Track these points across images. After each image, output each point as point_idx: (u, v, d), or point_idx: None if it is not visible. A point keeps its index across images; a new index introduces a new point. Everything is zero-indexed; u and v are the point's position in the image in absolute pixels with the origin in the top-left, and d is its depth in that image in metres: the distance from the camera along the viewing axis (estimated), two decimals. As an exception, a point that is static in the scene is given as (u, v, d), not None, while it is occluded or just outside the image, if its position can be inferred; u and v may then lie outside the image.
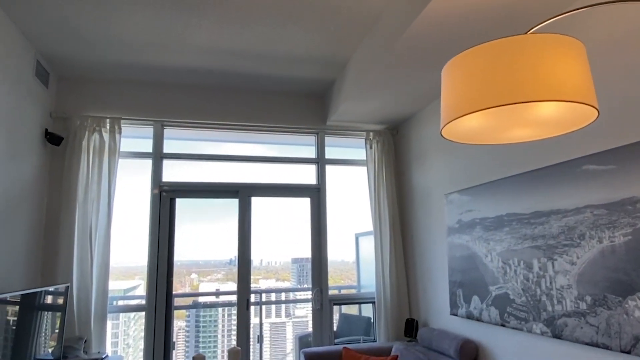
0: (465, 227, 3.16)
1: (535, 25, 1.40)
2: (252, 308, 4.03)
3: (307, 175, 4.36)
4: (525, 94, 1.18)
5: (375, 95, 3.51)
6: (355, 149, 4.57)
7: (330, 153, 4.41)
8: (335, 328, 4.27)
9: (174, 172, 4.02)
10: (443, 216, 3.55)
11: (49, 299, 2.85)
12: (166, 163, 4.00)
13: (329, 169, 4.36)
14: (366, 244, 4.49)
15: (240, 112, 4.10)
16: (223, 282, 4.36)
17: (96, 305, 3.44)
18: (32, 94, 3.28)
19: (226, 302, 4.49)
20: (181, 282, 4.14)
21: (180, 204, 4.01)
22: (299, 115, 4.26)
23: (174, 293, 3.92)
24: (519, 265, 2.61)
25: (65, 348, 3.14)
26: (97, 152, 3.63)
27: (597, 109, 1.24)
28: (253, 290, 4.05)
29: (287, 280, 4.50)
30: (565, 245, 2.28)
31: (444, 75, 1.41)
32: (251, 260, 4.06)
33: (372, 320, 4.35)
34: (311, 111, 4.30)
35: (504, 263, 2.74)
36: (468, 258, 3.12)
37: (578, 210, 2.21)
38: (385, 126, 4.35)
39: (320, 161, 4.32)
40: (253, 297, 4.05)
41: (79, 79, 3.80)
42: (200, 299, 4.43)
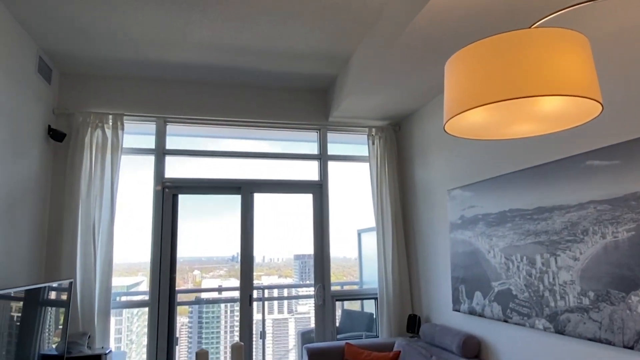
0: (468, 223, 3.15)
1: (538, 20, 1.39)
2: (255, 304, 4.05)
3: (309, 171, 4.36)
4: (529, 89, 1.18)
5: (377, 91, 3.50)
6: (357, 145, 4.57)
7: (333, 149, 4.40)
8: (337, 324, 4.28)
9: (176, 169, 4.03)
10: (445, 212, 3.55)
11: (52, 295, 2.86)
12: (169, 159, 4.00)
13: (331, 165, 4.36)
14: (368, 240, 4.49)
15: (242, 108, 4.10)
16: (225, 278, 4.37)
17: (100, 301, 3.46)
18: (34, 91, 3.28)
19: (229, 298, 4.51)
20: (184, 278, 4.15)
21: (182, 201, 4.02)
22: (301, 112, 4.25)
23: (177, 289, 3.93)
24: (522, 261, 2.60)
25: (69, 343, 3.16)
26: (100, 149, 3.63)
27: (601, 103, 1.24)
28: (256, 286, 4.06)
29: (289, 276, 4.51)
30: (569, 240, 2.28)
31: (447, 70, 1.40)
32: (254, 257, 4.07)
33: (374, 316, 4.36)
34: (313, 107, 4.29)
35: (507, 259, 2.73)
36: (470, 254, 3.12)
37: (581, 206, 2.21)
38: (387, 122, 4.34)
39: (323, 157, 4.32)
40: (255, 293, 4.06)
41: (82, 75, 3.81)
42: (202, 295, 4.44)
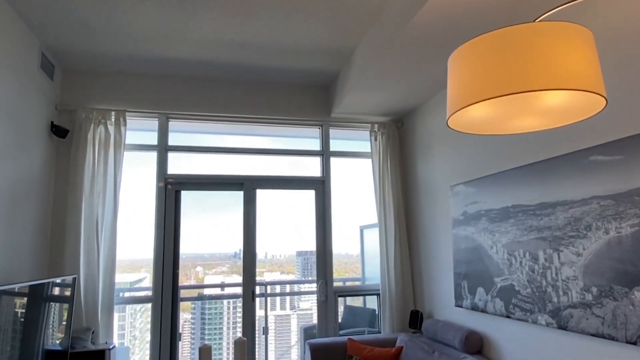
0: (471, 218, 3.15)
1: (542, 14, 1.38)
2: (257, 300, 4.06)
3: (311, 167, 4.36)
4: (533, 83, 1.17)
5: (380, 86, 3.49)
6: (359, 142, 4.56)
7: (335, 145, 4.40)
8: (339, 320, 4.29)
9: (179, 165, 4.03)
10: (448, 208, 3.54)
11: (56, 290, 2.88)
12: (171, 155, 4.01)
13: (333, 161, 4.36)
14: (371, 236, 4.50)
15: (244, 104, 4.10)
16: (228, 274, 4.38)
17: (103, 296, 3.47)
18: (37, 87, 3.29)
19: (231, 295, 4.52)
20: (187, 274, 4.16)
21: (185, 197, 4.02)
22: (303, 107, 4.25)
23: (179, 285, 3.94)
24: (525, 256, 2.60)
25: (73, 339, 3.18)
26: (103, 145, 3.64)
27: (605, 97, 1.23)
28: (258, 282, 4.07)
29: (291, 273, 4.51)
30: (572, 236, 2.27)
31: (450, 65, 1.39)
32: (256, 253, 4.07)
33: (376, 312, 4.36)
34: (316, 103, 4.29)
35: (510, 254, 2.73)
36: (473, 250, 3.12)
37: (584, 202, 2.20)
38: (390, 118, 4.34)
39: (325, 153, 4.32)
40: (258, 290, 4.07)
41: (84, 72, 3.81)
42: (205, 291, 4.46)
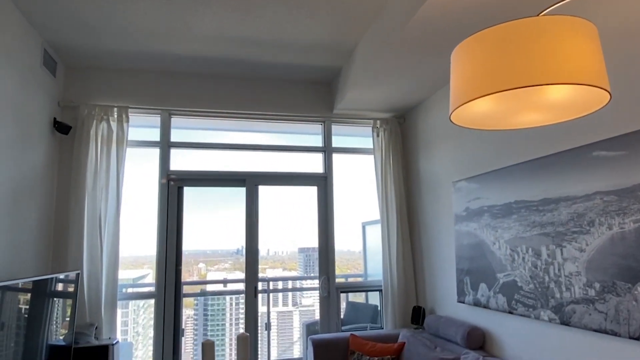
0: (473, 214, 3.15)
1: (546, 8, 1.38)
2: (260, 296, 4.06)
3: (313, 164, 4.36)
4: (536, 77, 1.17)
5: (382, 82, 3.48)
6: (362, 138, 4.55)
7: (337, 142, 4.39)
8: (342, 316, 4.30)
9: (181, 161, 4.04)
10: (450, 204, 3.54)
11: (60, 286, 2.89)
12: (174, 152, 4.01)
13: (335, 157, 4.35)
14: (373, 232, 4.50)
15: (246, 101, 4.10)
16: (230, 271, 4.39)
17: (106, 292, 3.49)
18: (40, 83, 3.29)
19: (234, 291, 4.53)
20: (189, 271, 4.17)
21: (187, 193, 4.03)
22: (305, 104, 4.24)
23: (182, 281, 3.95)
24: (527, 252, 2.60)
25: (77, 334, 3.19)
26: (105, 141, 3.64)
27: (609, 92, 1.23)
28: (261, 278, 4.08)
29: (293, 269, 4.52)
30: (575, 232, 2.27)
31: (453, 59, 1.39)
32: (258, 250, 4.08)
33: (379, 308, 4.37)
34: (318, 99, 4.28)
35: (512, 250, 2.73)
36: (475, 246, 3.11)
37: (588, 197, 2.20)
38: (392, 114, 4.33)
39: (327, 150, 4.32)
40: (260, 286, 4.07)
41: (86, 68, 3.81)
42: (208, 288, 4.47)
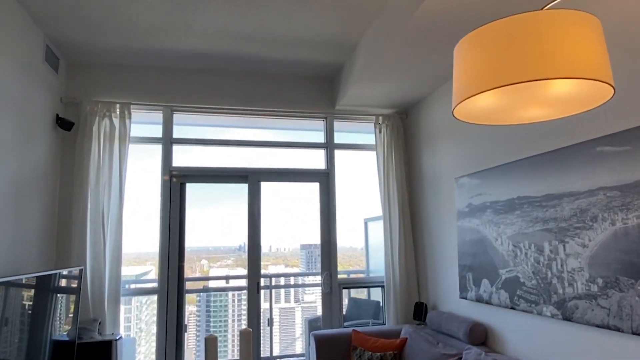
0: (476, 210, 3.14)
1: (550, 2, 1.37)
2: (262, 292, 4.07)
3: (316, 160, 4.36)
4: (539, 71, 1.16)
5: (384, 78, 3.47)
6: (364, 134, 4.55)
7: (339, 138, 4.39)
8: (344, 312, 4.30)
9: (183, 157, 4.04)
10: (453, 200, 3.54)
11: (63, 282, 2.90)
12: (176, 148, 4.01)
13: (337, 153, 4.35)
14: (375, 229, 4.50)
15: (248, 97, 4.09)
16: (233, 268, 4.40)
17: (109, 288, 3.50)
18: (42, 80, 3.29)
19: (236, 287, 4.55)
20: (192, 267, 4.18)
21: (190, 190, 4.03)
22: (307, 100, 4.23)
23: (185, 277, 3.96)
24: (530, 248, 2.59)
25: (80, 329, 3.21)
26: (108, 138, 3.65)
27: (613, 86, 1.22)
28: (263, 275, 4.08)
29: (295, 266, 4.53)
30: (577, 227, 2.26)
31: (456, 54, 1.38)
32: (261, 246, 4.08)
33: (381, 304, 4.38)
34: (320, 95, 4.27)
35: (515, 246, 2.73)
36: (478, 242, 3.11)
37: (591, 193, 2.19)
38: (394, 110, 4.32)
39: (329, 146, 4.31)
40: (262, 282, 4.08)
41: (89, 64, 3.81)
42: (210, 285, 4.49)
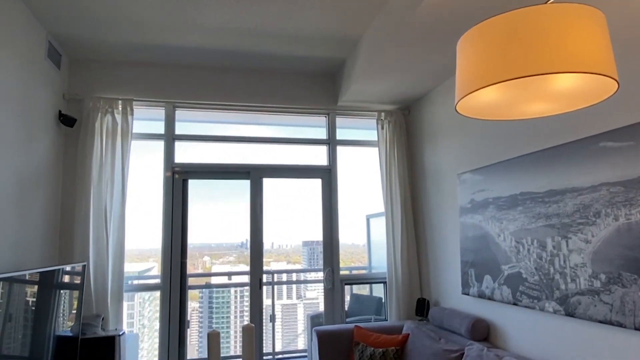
0: (478, 206, 3.14)
1: (554, -4, 1.36)
2: (264, 289, 4.08)
3: (318, 156, 4.36)
4: (543, 66, 1.15)
5: (387, 74, 3.47)
6: (366, 130, 4.54)
7: (342, 134, 4.38)
8: (346, 308, 4.31)
9: (186, 154, 4.04)
10: (455, 196, 3.53)
11: (66, 278, 2.91)
12: (178, 144, 4.01)
13: (340, 150, 4.35)
14: (377, 225, 4.50)
15: (250, 93, 4.09)
16: (235, 264, 4.41)
17: (112, 283, 3.51)
18: (44, 76, 3.30)
19: (238, 284, 4.56)
20: (194, 264, 4.19)
21: (192, 186, 4.03)
22: (309, 96, 4.23)
23: (187, 273, 3.97)
24: (532, 244, 2.59)
25: (84, 325, 3.22)
26: (110, 134, 3.65)
27: (617, 81, 1.21)
28: (265, 271, 4.09)
29: (297, 263, 4.54)
30: (580, 223, 2.26)
31: (459, 48, 1.38)
32: (263, 242, 4.09)
33: (383, 300, 4.38)
34: (322, 91, 4.27)
35: (517, 242, 2.72)
36: (480, 238, 3.11)
37: (594, 188, 2.18)
38: (397, 106, 4.31)
39: (332, 142, 4.31)
40: (265, 278, 4.09)
41: (91, 60, 3.81)
42: (212, 281, 4.50)
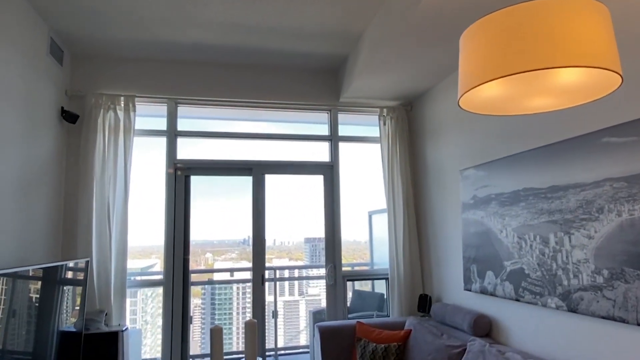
0: (480, 202, 3.14)
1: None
2: (267, 285, 4.09)
3: (320, 152, 4.36)
4: (546, 60, 1.15)
5: (389, 70, 3.46)
6: (368, 126, 4.53)
7: (344, 130, 4.38)
8: (348, 304, 4.32)
9: (188, 150, 4.04)
10: (457, 192, 3.53)
11: (69, 273, 2.92)
12: (180, 141, 4.02)
13: (342, 146, 4.34)
14: (379, 221, 4.50)
15: (253, 89, 4.09)
16: (237, 261, 4.43)
17: (115, 279, 3.52)
18: (47, 72, 3.30)
19: (240, 281, 4.58)
20: (196, 261, 4.21)
21: (195, 183, 4.03)
22: (312, 92, 4.22)
23: (190, 270, 3.98)
24: (535, 240, 2.59)
25: (87, 320, 3.24)
26: (113, 130, 3.66)
27: (621, 75, 1.21)
28: (267, 267, 4.09)
29: (299, 259, 4.55)
30: (583, 219, 2.26)
31: (462, 43, 1.37)
32: (265, 239, 4.09)
33: (385, 296, 4.39)
34: (324, 88, 4.26)
35: (520, 238, 2.72)
36: (483, 234, 3.11)
37: (597, 184, 2.18)
38: (399, 102, 4.30)
39: (334, 138, 4.31)
40: (267, 274, 4.09)
41: (93, 57, 3.81)
42: (215, 278, 4.52)
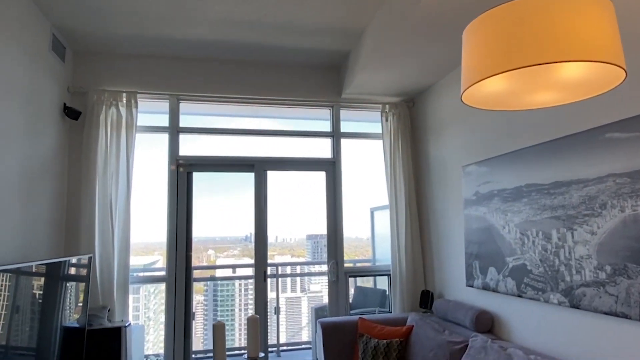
0: (483, 199, 3.13)
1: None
2: (269, 281, 4.09)
3: (322, 149, 4.35)
4: (550, 54, 1.15)
5: (391, 66, 3.45)
6: (370, 123, 4.53)
7: (346, 126, 4.37)
8: (350, 300, 4.33)
9: (190, 147, 4.04)
10: (460, 188, 3.53)
11: (72, 270, 2.93)
12: (182, 137, 4.02)
13: (344, 142, 4.34)
14: (381, 218, 4.50)
15: (254, 86, 4.08)
16: (239, 258, 4.44)
17: (118, 275, 3.53)
18: (49, 69, 3.30)
19: (242, 277, 4.59)
20: (199, 258, 4.22)
21: (197, 180, 4.03)
22: (314, 88, 4.22)
23: (193, 266, 3.99)
24: (537, 236, 2.59)
25: (90, 316, 3.25)
26: (115, 127, 3.66)
27: (624, 69, 1.20)
28: (270, 263, 4.10)
29: (301, 256, 4.56)
30: (586, 215, 2.25)
31: (465, 38, 1.37)
32: (267, 235, 4.09)
33: (387, 293, 4.39)
34: (326, 84, 4.25)
35: (522, 234, 2.72)
36: (485, 230, 3.11)
37: (600, 180, 2.17)
38: (401, 98, 4.29)
39: (336, 135, 4.30)
40: (269, 271, 4.10)
41: (95, 53, 3.81)
42: (217, 274, 4.53)
